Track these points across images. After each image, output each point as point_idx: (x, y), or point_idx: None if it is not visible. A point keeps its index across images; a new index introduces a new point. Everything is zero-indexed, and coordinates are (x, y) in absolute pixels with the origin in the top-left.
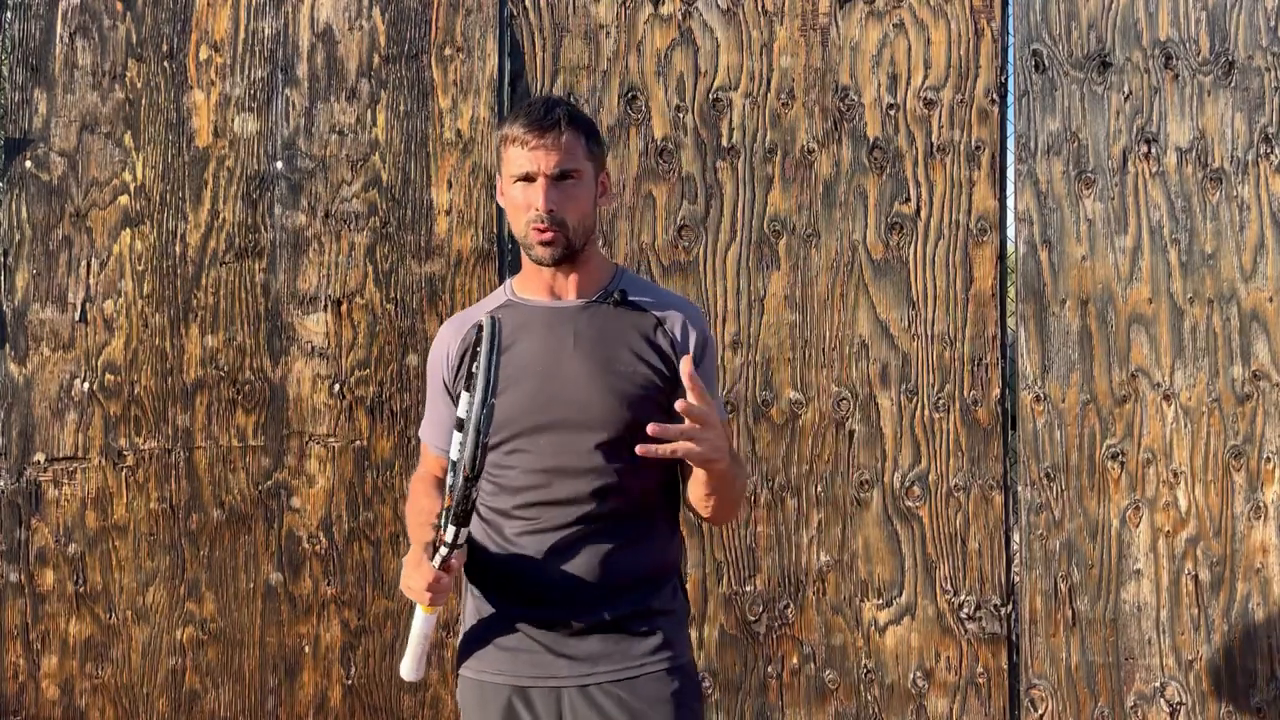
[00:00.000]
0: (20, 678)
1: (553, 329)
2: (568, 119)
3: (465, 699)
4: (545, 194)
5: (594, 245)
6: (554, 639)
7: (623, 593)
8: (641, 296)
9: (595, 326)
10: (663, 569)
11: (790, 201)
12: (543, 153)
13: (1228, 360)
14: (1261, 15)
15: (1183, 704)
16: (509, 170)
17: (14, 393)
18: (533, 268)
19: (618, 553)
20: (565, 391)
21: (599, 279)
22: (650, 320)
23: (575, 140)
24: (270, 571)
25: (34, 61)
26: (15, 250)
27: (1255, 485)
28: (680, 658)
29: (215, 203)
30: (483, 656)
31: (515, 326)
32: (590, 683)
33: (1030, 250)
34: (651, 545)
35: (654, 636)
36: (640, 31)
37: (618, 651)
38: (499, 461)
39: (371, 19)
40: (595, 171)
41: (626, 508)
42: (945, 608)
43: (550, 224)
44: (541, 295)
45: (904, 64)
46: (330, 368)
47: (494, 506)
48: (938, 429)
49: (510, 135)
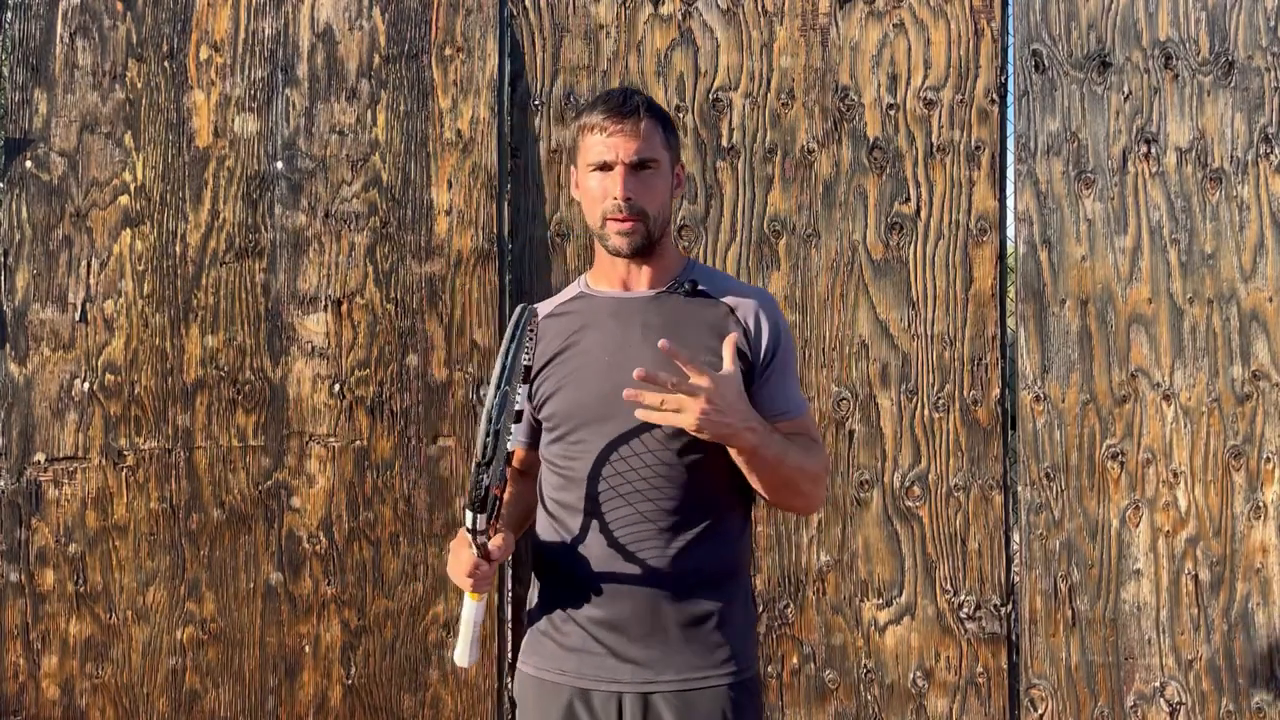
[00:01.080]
0: (20, 678)
1: (621, 319)
2: (646, 107)
3: (524, 694)
4: (623, 182)
5: (668, 237)
6: (619, 641)
7: (692, 595)
8: (712, 285)
9: (665, 316)
10: (733, 569)
11: (790, 201)
12: (621, 139)
13: (1227, 360)
14: (1261, 15)
15: (1183, 704)
16: (585, 159)
17: (14, 393)
18: (606, 259)
19: (688, 551)
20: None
21: (671, 270)
22: (722, 310)
23: (653, 129)
24: (270, 571)
25: (34, 61)
26: (15, 250)
27: (1255, 485)
28: (746, 671)
29: (215, 203)
30: (546, 654)
31: (585, 318)
32: (652, 690)
33: (1030, 250)
34: (722, 542)
35: (722, 649)
36: (640, 31)
37: (682, 660)
38: (566, 454)
39: (371, 19)
40: (671, 162)
41: (696, 502)
42: (945, 608)
43: (629, 213)
44: (614, 287)
45: (904, 64)
46: (330, 368)
47: (560, 500)
48: (938, 429)
49: (588, 123)
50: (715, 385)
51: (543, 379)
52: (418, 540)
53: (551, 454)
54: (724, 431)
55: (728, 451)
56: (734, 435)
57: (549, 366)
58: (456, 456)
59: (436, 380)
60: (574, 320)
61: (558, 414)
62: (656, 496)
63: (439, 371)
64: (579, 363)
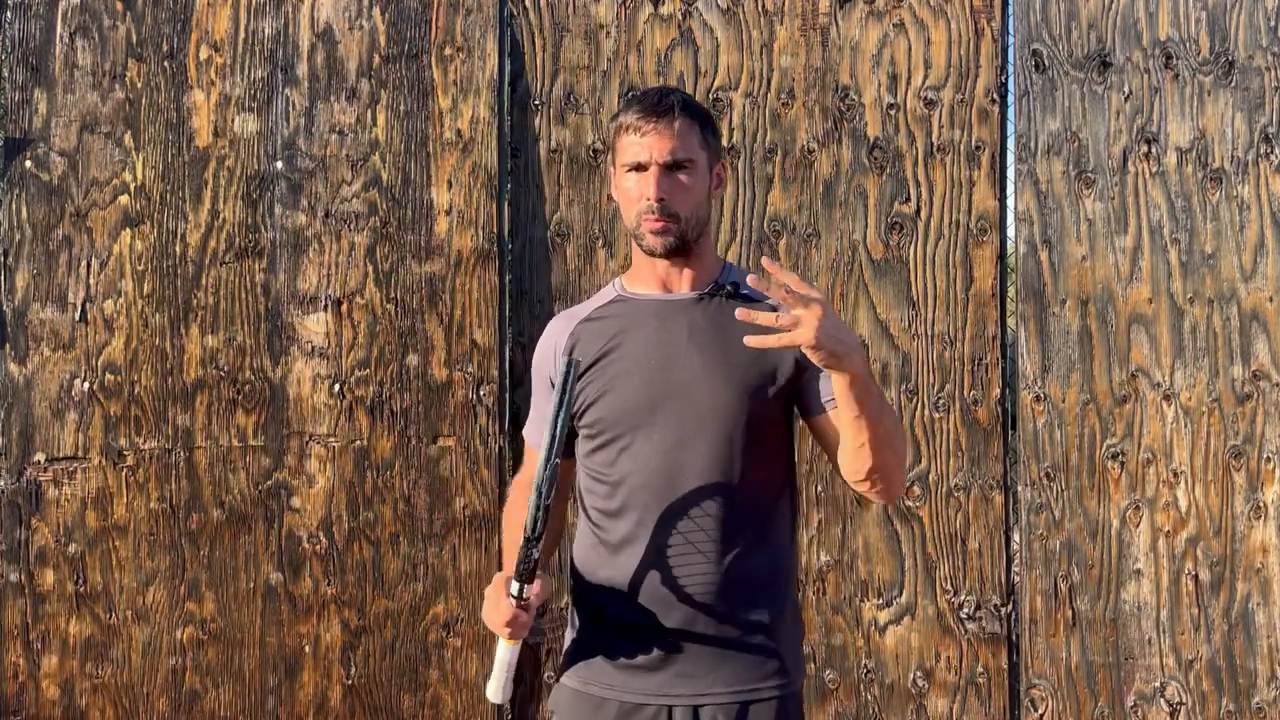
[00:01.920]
0: (20, 678)
1: (665, 322)
2: (681, 106)
3: (566, 709)
4: (657, 183)
5: (707, 238)
6: (667, 653)
7: (741, 602)
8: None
9: (710, 319)
10: (782, 578)
11: (790, 201)
12: (654, 139)
13: (1228, 360)
14: (1261, 15)
15: (1183, 704)
16: (621, 159)
17: (14, 393)
18: (644, 261)
19: (735, 557)
20: (681, 385)
21: (711, 271)
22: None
23: (689, 128)
24: (270, 571)
25: (34, 61)
26: (15, 250)
27: (1255, 485)
28: (793, 684)
29: (215, 203)
30: (590, 667)
31: (626, 321)
32: (703, 703)
33: (1030, 250)
34: (773, 550)
35: (772, 660)
36: (640, 31)
37: (733, 673)
38: (611, 460)
39: (371, 19)
40: (710, 162)
41: (745, 508)
42: (945, 608)
43: (662, 214)
44: (653, 289)
45: (904, 64)
46: (330, 368)
47: (605, 509)
48: (938, 429)
49: (623, 123)
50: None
51: (584, 384)
52: (418, 540)
53: (595, 462)
54: (840, 349)
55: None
56: (849, 354)
57: (590, 371)
58: (456, 456)
59: (436, 380)
60: (613, 324)
61: (603, 419)
62: (708, 503)
63: (439, 371)
64: (623, 366)
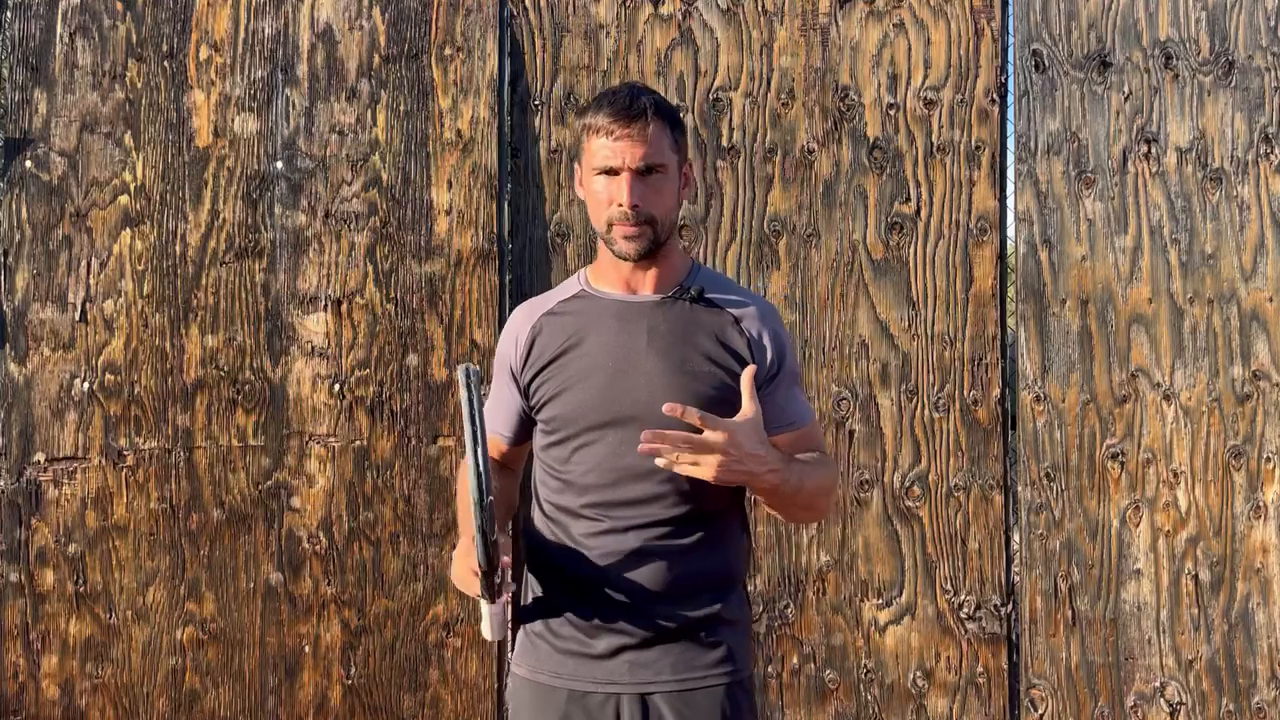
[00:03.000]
0: (20, 678)
1: (626, 324)
2: (654, 109)
3: (519, 698)
4: (630, 189)
5: (675, 240)
6: (616, 644)
7: (690, 599)
8: (719, 294)
9: (670, 323)
10: (731, 575)
11: (790, 201)
12: (627, 144)
13: (1228, 360)
14: (1261, 15)
15: (1183, 704)
16: (591, 162)
17: (14, 393)
18: (610, 259)
19: (686, 557)
20: (636, 389)
21: (677, 274)
22: (727, 319)
23: (661, 132)
24: (270, 571)
25: (34, 61)
26: (15, 250)
27: (1255, 485)
28: (742, 672)
29: (215, 203)
30: (541, 656)
31: (587, 319)
32: (649, 691)
33: (1030, 250)
34: (721, 550)
35: (718, 649)
36: (640, 31)
37: (680, 661)
38: (566, 458)
39: (371, 19)
40: (679, 163)
41: (696, 510)
42: (945, 608)
43: (635, 220)
44: (617, 288)
45: (904, 64)
46: (330, 368)
47: (560, 504)
48: (938, 429)
49: (594, 125)
50: (732, 434)
51: (543, 379)
52: (418, 540)
53: (551, 458)
54: (742, 480)
55: None
56: (753, 480)
57: (550, 368)
58: (456, 456)
59: (436, 380)
60: (575, 320)
61: (560, 418)
62: (658, 503)
63: (439, 371)
64: (582, 366)
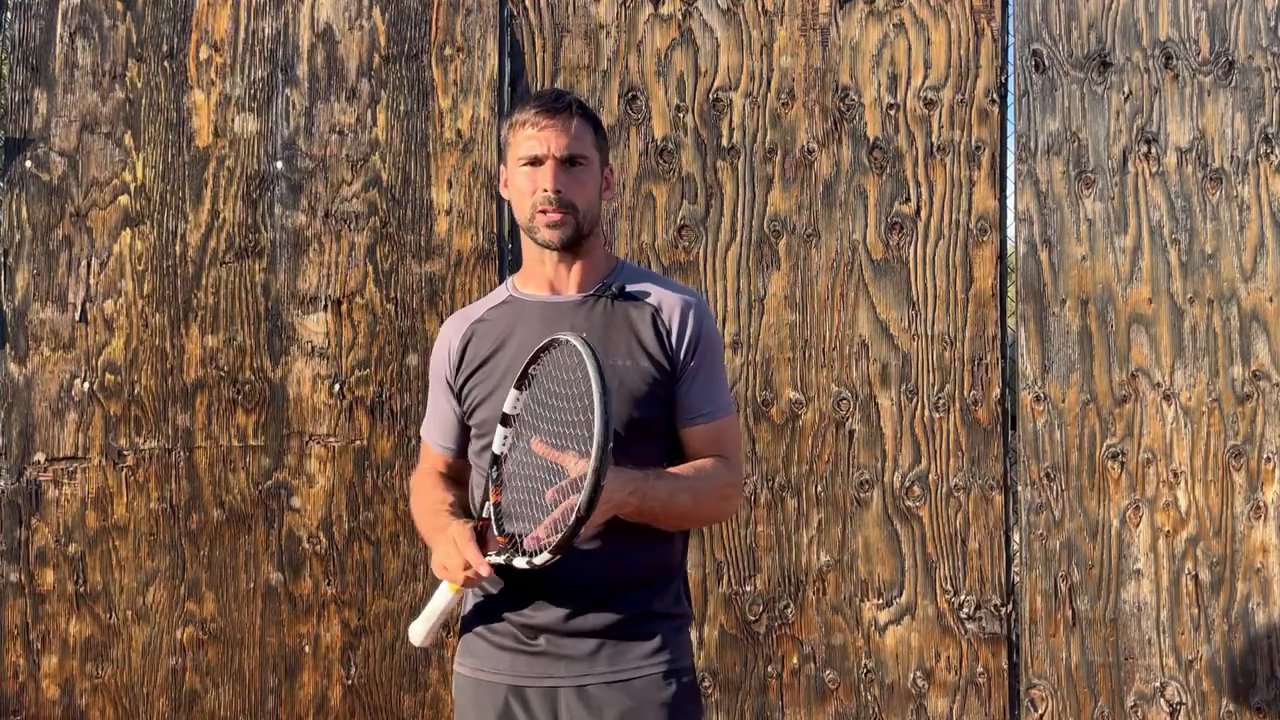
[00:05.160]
0: (20, 678)
1: (550, 324)
2: (578, 106)
3: (461, 696)
4: (554, 175)
5: (597, 238)
6: (552, 639)
7: (623, 594)
8: (639, 286)
9: (593, 321)
10: (665, 571)
11: (790, 201)
12: (552, 134)
13: (1228, 360)
14: (1261, 15)
15: (1183, 704)
16: (516, 154)
17: (14, 393)
18: (534, 261)
19: (619, 553)
20: None
21: (599, 273)
22: (647, 311)
23: (584, 128)
24: (270, 571)
25: (34, 61)
26: (15, 250)
27: (1255, 485)
28: (678, 661)
29: (215, 203)
30: (480, 654)
31: (513, 323)
32: (587, 683)
33: (1030, 250)
34: (653, 546)
35: (652, 640)
36: (640, 31)
37: (616, 653)
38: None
39: (371, 19)
40: (601, 163)
41: None
42: (945, 608)
43: (558, 205)
44: (541, 290)
45: (904, 64)
46: (330, 368)
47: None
48: (938, 429)
49: (520, 119)
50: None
51: (472, 385)
52: (418, 540)
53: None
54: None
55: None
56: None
57: (479, 372)
58: None
59: None
60: (502, 325)
61: (488, 420)
62: None
63: None
64: (509, 367)
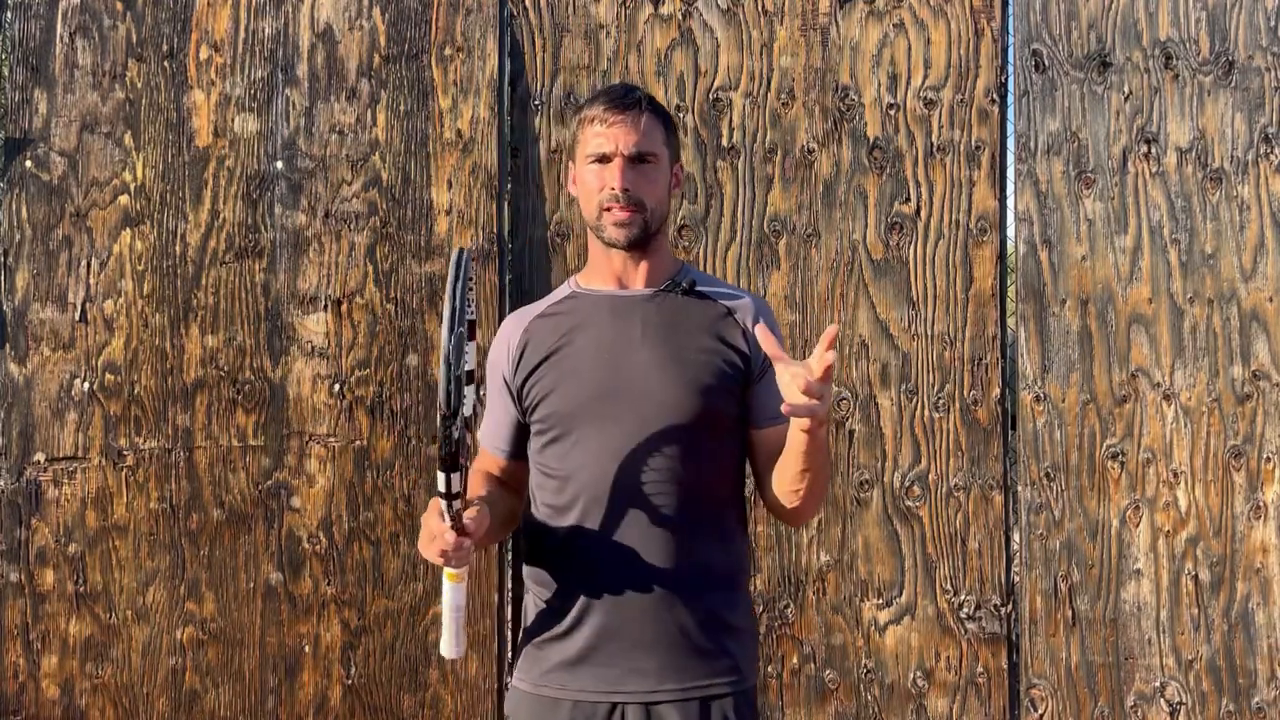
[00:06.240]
0: (20, 678)
1: (620, 317)
2: (648, 102)
3: (518, 711)
4: (622, 173)
5: (665, 236)
6: (622, 650)
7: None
8: (708, 287)
9: (664, 315)
10: (734, 575)
11: (790, 201)
12: (621, 130)
13: (1228, 360)
14: (1261, 15)
15: (1183, 704)
16: (584, 151)
17: (14, 393)
18: (600, 257)
19: (688, 553)
20: (634, 381)
21: (667, 269)
22: (720, 310)
23: (654, 124)
24: (270, 571)
25: (34, 61)
26: (15, 250)
27: (1255, 485)
28: (745, 682)
29: (215, 203)
30: (545, 668)
31: (580, 316)
32: (655, 700)
33: (1030, 250)
34: (723, 546)
35: (724, 658)
36: (640, 31)
37: (686, 669)
38: (562, 454)
39: (371, 19)
40: (671, 160)
41: (697, 504)
42: (945, 608)
43: (626, 203)
44: (609, 285)
45: (904, 64)
46: (330, 368)
47: (555, 505)
48: (938, 429)
49: (589, 115)
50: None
51: (535, 380)
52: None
53: (546, 458)
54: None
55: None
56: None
57: (541, 367)
58: None
59: (437, 380)
60: (567, 320)
61: (555, 413)
62: (659, 497)
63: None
64: (575, 362)
